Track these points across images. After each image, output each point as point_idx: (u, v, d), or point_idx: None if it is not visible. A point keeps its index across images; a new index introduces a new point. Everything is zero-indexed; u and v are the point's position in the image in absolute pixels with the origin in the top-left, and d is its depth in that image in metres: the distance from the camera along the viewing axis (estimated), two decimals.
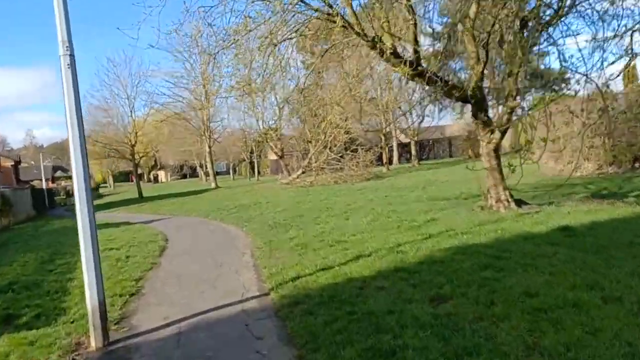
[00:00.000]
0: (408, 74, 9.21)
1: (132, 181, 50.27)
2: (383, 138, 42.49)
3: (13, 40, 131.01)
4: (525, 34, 8.57)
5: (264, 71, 9.26)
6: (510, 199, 11.53)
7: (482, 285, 5.53)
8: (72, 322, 6.11)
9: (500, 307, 4.86)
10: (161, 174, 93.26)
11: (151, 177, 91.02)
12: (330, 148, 33.42)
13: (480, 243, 7.80)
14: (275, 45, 8.97)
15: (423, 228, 10.02)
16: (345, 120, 34.55)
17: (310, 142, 35.73)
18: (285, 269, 7.73)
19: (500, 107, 11.16)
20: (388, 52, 8.92)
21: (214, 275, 8.15)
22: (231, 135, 55.54)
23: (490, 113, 12.07)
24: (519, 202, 11.74)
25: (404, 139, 54.97)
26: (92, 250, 5.42)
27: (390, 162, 44.78)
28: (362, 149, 36.59)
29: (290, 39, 9.98)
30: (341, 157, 33.84)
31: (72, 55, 5.27)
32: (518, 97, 10.24)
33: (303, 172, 34.44)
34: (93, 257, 5.43)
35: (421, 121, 45.31)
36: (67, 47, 5.20)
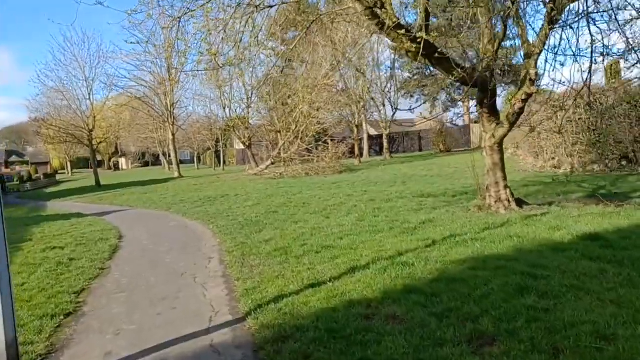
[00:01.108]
0: (411, 52, 7.80)
1: (91, 168, 47.38)
2: (356, 130, 41.18)
3: None
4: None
5: (240, 41, 7.70)
6: (511, 199, 10.35)
7: (531, 320, 4.20)
8: None
9: (571, 357, 3.54)
10: (122, 162, 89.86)
11: (111, 164, 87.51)
12: (301, 139, 31.92)
13: (500, 254, 6.50)
14: (257, 7, 7.40)
15: (420, 231, 8.70)
16: (317, 110, 33.06)
17: (279, 132, 34.13)
18: (264, 283, 6.26)
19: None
20: (390, 22, 7.49)
21: (174, 289, 6.61)
22: (196, 123, 53.45)
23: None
24: (519, 202, 10.59)
25: (373, 131, 53.88)
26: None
27: (361, 154, 43.55)
28: (334, 140, 35.20)
29: (271, 7, 8.43)
30: (312, 148, 32.42)
31: None
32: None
33: (272, 163, 32.86)
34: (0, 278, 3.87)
35: (394, 113, 44.37)
36: None
